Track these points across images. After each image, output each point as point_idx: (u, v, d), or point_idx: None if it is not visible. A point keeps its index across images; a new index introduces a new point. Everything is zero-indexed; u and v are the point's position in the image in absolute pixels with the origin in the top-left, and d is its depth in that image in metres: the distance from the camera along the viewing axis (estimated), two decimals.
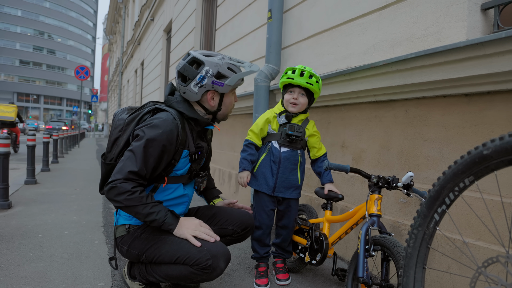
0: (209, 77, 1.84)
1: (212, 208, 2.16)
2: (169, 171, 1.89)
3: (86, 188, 5.72)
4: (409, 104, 2.40)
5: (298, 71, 2.30)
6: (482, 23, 2.04)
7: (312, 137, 2.45)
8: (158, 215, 1.72)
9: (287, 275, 2.43)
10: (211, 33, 6.75)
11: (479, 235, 1.94)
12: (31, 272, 2.38)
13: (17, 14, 71.10)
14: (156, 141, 1.74)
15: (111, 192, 1.70)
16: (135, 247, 1.86)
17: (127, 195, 1.68)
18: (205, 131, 2.07)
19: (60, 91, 78.56)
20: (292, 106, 2.35)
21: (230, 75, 1.87)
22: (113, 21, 31.21)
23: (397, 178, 1.96)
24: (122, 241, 1.92)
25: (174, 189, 1.96)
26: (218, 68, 1.85)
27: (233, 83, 1.88)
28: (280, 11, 3.74)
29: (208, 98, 1.91)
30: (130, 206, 1.70)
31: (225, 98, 1.95)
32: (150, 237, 1.84)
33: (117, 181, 1.70)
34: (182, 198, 2.00)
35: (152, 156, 1.74)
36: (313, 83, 2.29)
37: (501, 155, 1.03)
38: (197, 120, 1.92)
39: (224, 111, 2.00)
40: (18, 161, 9.08)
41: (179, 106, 1.90)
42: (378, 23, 2.61)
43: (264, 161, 2.41)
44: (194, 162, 1.98)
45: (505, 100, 1.85)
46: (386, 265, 1.85)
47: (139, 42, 16.43)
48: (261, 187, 2.40)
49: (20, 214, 3.89)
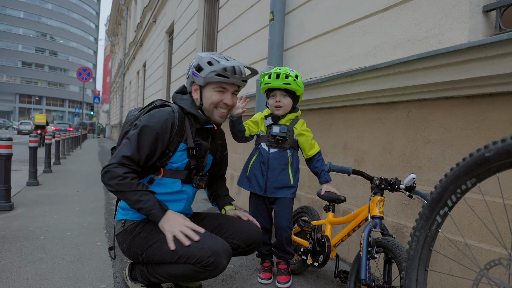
0: (192, 68, 1.93)
1: (219, 217, 2.12)
2: (165, 163, 1.91)
3: (88, 190, 5.73)
4: (411, 106, 2.40)
5: (273, 74, 2.35)
6: (484, 25, 2.04)
7: (301, 136, 2.45)
8: (146, 203, 1.75)
9: (288, 278, 2.41)
10: (213, 34, 6.76)
11: (481, 237, 1.93)
12: (33, 274, 2.39)
13: (20, 16, 71.41)
14: (150, 128, 1.82)
15: (105, 176, 1.79)
16: (135, 245, 1.87)
17: (118, 179, 1.75)
18: (208, 131, 2.06)
19: (62, 93, 78.83)
20: (277, 109, 2.41)
21: (205, 67, 1.86)
22: (115, 22, 31.28)
23: (399, 180, 1.96)
24: (122, 239, 1.93)
25: (171, 183, 1.95)
26: (199, 61, 1.89)
27: (205, 75, 1.85)
28: (282, 13, 3.74)
29: (193, 89, 1.97)
30: (120, 191, 1.76)
31: (204, 92, 1.92)
32: (149, 236, 1.84)
33: (111, 165, 1.78)
34: (179, 194, 1.98)
35: (145, 143, 1.81)
36: (291, 82, 2.32)
37: (503, 157, 1.03)
38: (196, 116, 1.95)
39: (206, 106, 1.94)
40: (20, 163, 9.11)
41: (181, 101, 1.98)
42: (380, 25, 2.61)
43: (254, 163, 2.47)
44: (193, 158, 1.97)
45: (507, 102, 1.85)
46: (389, 267, 1.85)
47: (141, 43, 16.46)
48: (254, 189, 2.45)
49: (22, 215, 3.90)
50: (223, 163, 2.34)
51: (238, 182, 2.56)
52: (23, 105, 73.71)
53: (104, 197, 5.18)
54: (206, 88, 1.92)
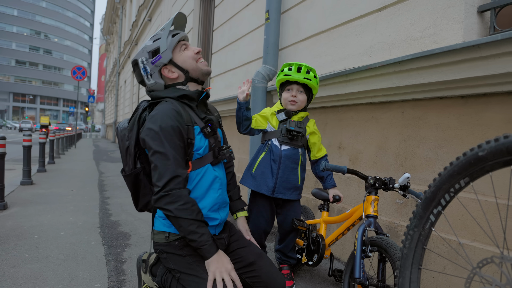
0: (146, 63, 1.81)
1: (254, 254, 1.92)
2: (191, 154, 1.78)
3: (83, 189, 5.70)
4: (406, 105, 2.41)
5: (295, 66, 2.23)
6: (478, 26, 2.06)
7: (313, 135, 2.36)
8: (201, 237, 1.62)
9: (292, 282, 2.35)
10: (208, 34, 6.75)
11: (474, 236, 1.95)
12: (26, 273, 2.37)
13: (13, 14, 70.89)
14: (169, 127, 1.67)
15: (162, 201, 1.61)
16: (176, 262, 1.77)
17: (179, 204, 1.60)
18: (204, 102, 1.94)
19: (57, 92, 78.38)
20: (292, 104, 2.28)
21: (158, 44, 1.79)
22: (110, 21, 31.13)
23: (393, 179, 1.97)
24: (164, 248, 1.81)
25: (203, 174, 1.82)
26: (146, 49, 1.81)
27: (166, 46, 1.79)
28: (277, 12, 3.75)
29: (166, 75, 1.84)
30: (178, 218, 1.60)
31: (177, 61, 1.83)
32: (193, 266, 1.74)
33: (168, 185, 1.61)
34: (214, 183, 1.85)
35: (174, 142, 1.67)
36: (311, 79, 2.22)
37: (496, 156, 1.04)
38: (187, 95, 1.83)
39: (192, 67, 1.85)
40: (14, 162, 9.05)
41: (165, 93, 1.85)
42: (376, 24, 2.62)
43: (263, 160, 2.30)
44: (210, 137, 1.86)
45: (501, 102, 1.86)
46: (383, 266, 1.86)
47: (136, 42, 16.41)
48: (260, 188, 2.28)
49: (16, 215, 3.87)
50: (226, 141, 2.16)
51: (241, 180, 2.39)
52: (17, 104, 73.21)
53: (99, 197, 5.16)
54: (175, 57, 1.83)
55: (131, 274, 2.45)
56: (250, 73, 4.41)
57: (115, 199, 5.00)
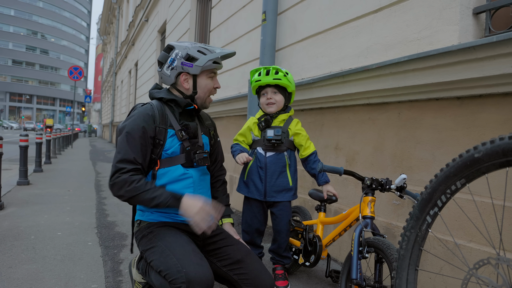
0: (179, 59, 1.91)
1: (242, 252, 1.95)
2: (159, 153, 1.89)
3: (79, 189, 5.69)
4: (402, 106, 2.42)
5: (263, 71, 2.33)
6: (474, 27, 2.07)
7: (297, 135, 2.39)
8: (160, 198, 1.74)
9: (286, 282, 2.36)
10: (205, 34, 6.74)
11: (470, 237, 1.96)
12: (23, 274, 2.37)
13: (10, 14, 70.62)
14: (134, 125, 1.81)
15: (114, 189, 1.75)
16: (141, 243, 1.89)
17: (126, 186, 1.72)
18: (190, 113, 2.04)
19: (53, 91, 78.14)
20: (269, 106, 2.36)
21: (199, 56, 1.90)
22: (107, 21, 31.07)
23: (390, 180, 1.97)
24: (136, 237, 1.95)
25: (172, 171, 1.92)
26: (187, 51, 1.90)
27: (203, 64, 1.90)
28: (274, 13, 3.75)
29: (181, 80, 1.95)
30: (133, 197, 1.74)
31: (199, 81, 1.96)
32: (152, 239, 1.83)
33: (113, 177, 1.75)
34: (184, 179, 1.93)
35: (134, 139, 1.80)
36: (281, 77, 2.29)
37: (492, 158, 1.04)
38: (176, 101, 1.95)
39: (201, 95, 1.99)
40: (11, 162, 9.01)
41: (158, 94, 1.98)
42: (372, 26, 2.63)
43: (252, 168, 2.40)
44: (185, 140, 1.95)
45: (496, 103, 1.88)
46: (380, 267, 1.86)
47: (133, 42, 16.37)
48: (253, 194, 2.39)
49: (12, 215, 3.86)
50: (218, 150, 2.27)
51: (237, 189, 2.50)
52: (14, 103, 72.93)
53: (96, 197, 5.14)
54: (200, 76, 1.95)
55: (128, 275, 2.44)
56: (247, 74, 4.41)
57: (112, 199, 4.98)
